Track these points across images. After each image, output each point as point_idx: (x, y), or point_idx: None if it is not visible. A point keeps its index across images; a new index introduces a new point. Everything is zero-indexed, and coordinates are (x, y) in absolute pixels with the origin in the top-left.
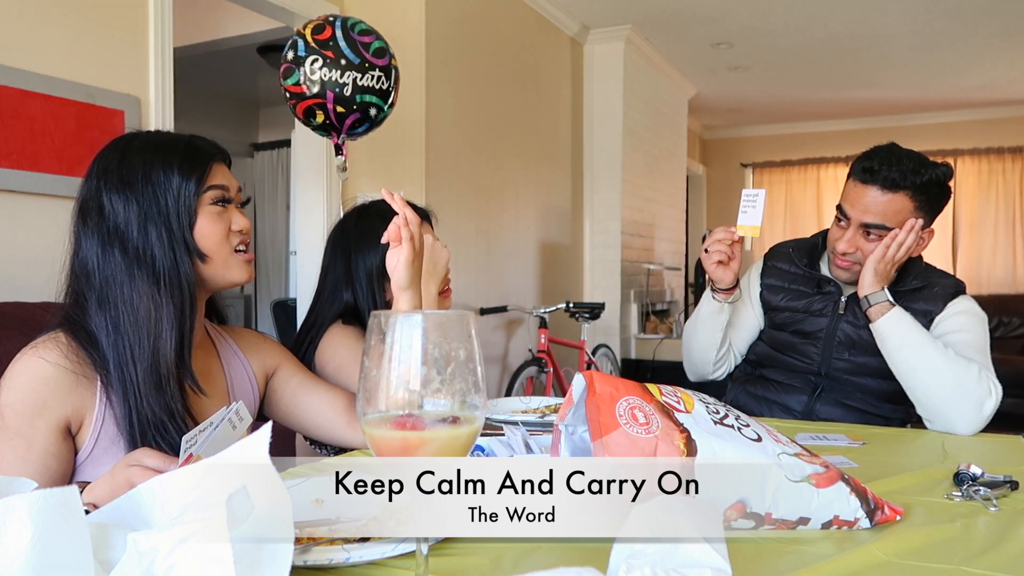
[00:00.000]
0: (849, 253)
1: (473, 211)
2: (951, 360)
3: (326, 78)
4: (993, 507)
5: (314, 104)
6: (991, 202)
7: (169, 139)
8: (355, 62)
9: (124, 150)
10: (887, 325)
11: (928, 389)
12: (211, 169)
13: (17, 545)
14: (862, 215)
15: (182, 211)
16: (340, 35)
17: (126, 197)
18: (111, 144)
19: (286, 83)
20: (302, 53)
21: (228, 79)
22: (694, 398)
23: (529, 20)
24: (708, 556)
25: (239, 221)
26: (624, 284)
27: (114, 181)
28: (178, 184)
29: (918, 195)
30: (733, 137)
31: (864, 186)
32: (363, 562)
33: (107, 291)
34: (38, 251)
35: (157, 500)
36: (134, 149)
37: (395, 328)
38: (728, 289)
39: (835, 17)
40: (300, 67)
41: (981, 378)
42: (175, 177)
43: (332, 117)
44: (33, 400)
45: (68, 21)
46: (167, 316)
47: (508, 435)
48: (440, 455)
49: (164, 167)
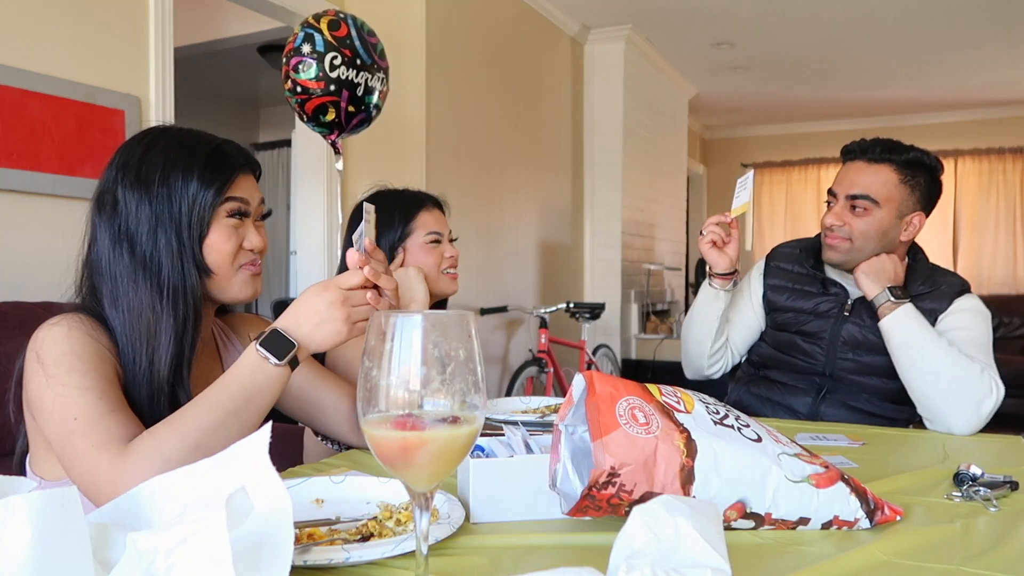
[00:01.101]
0: (837, 226)
1: (473, 211)
2: (953, 358)
3: (344, 77)
4: (993, 507)
5: (328, 102)
6: (992, 202)
7: (198, 141)
8: (367, 62)
9: (149, 144)
10: (890, 324)
11: (927, 387)
12: (234, 180)
13: (17, 545)
14: (848, 188)
15: (195, 221)
16: (355, 34)
17: (140, 196)
18: (138, 135)
19: (299, 77)
20: (320, 48)
21: (228, 79)
22: (694, 398)
23: (529, 20)
24: (708, 556)
25: (252, 239)
26: (624, 284)
27: (131, 176)
28: (195, 191)
29: (903, 169)
30: (733, 137)
31: (850, 163)
32: (363, 562)
33: (115, 289)
34: (38, 251)
35: (157, 500)
36: (159, 145)
37: (395, 328)
38: (725, 276)
39: (835, 17)
40: (320, 63)
41: (983, 377)
42: (193, 183)
43: (342, 116)
44: (83, 349)
45: (68, 21)
46: (166, 329)
47: (508, 435)
48: (440, 455)
49: (185, 171)
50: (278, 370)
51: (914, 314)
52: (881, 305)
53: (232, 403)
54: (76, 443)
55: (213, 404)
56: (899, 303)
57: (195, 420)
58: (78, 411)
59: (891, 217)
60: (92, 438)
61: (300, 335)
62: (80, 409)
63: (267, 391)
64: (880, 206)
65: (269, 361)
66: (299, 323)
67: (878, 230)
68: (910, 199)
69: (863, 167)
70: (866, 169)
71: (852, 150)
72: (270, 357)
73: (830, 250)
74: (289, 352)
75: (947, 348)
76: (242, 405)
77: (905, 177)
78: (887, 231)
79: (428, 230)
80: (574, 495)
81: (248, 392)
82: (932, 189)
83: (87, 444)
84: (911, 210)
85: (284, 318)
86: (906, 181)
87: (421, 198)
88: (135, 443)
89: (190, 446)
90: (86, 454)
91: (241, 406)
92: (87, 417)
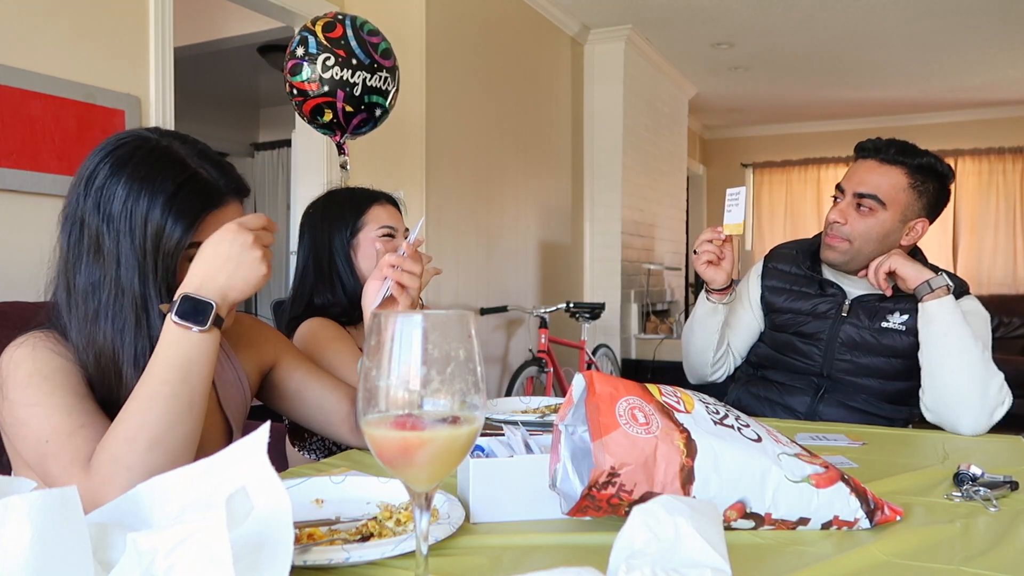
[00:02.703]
0: (839, 223)
1: (473, 211)
2: (985, 362)
3: (338, 77)
4: (993, 507)
5: (323, 103)
6: (992, 202)
7: (168, 166)
8: (365, 62)
9: (115, 168)
10: (937, 307)
11: (953, 380)
12: (204, 219)
13: (17, 545)
14: (857, 186)
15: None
16: (351, 34)
17: (103, 224)
18: (108, 147)
19: (294, 79)
20: (313, 50)
21: (228, 79)
22: (694, 398)
23: (529, 20)
24: (708, 556)
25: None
26: (624, 284)
27: (92, 202)
28: (159, 230)
29: (914, 174)
30: (733, 137)
31: (862, 160)
32: (363, 562)
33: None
34: (38, 251)
35: (157, 500)
36: (125, 171)
37: (395, 328)
38: (722, 290)
39: (835, 17)
40: (312, 64)
41: (1002, 388)
42: (156, 222)
43: (340, 116)
44: (47, 366)
45: (68, 21)
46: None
47: (508, 435)
48: (440, 455)
49: (149, 206)
50: (204, 336)
51: (956, 305)
52: (936, 289)
53: (168, 386)
54: (49, 466)
55: (149, 394)
56: (950, 292)
57: (138, 418)
58: (47, 432)
59: (894, 220)
60: (63, 460)
61: (215, 288)
62: (49, 431)
63: (200, 361)
64: (886, 208)
65: (192, 331)
66: (212, 275)
67: (879, 232)
68: (916, 204)
69: (874, 166)
70: (877, 169)
71: (866, 148)
72: (192, 326)
73: (829, 249)
74: (209, 313)
75: (983, 350)
76: (179, 386)
77: (915, 182)
78: (888, 234)
79: (380, 224)
80: (574, 495)
81: (181, 371)
82: (940, 197)
83: (59, 467)
84: (916, 215)
85: (191, 278)
86: (915, 186)
87: (373, 194)
88: (94, 462)
89: (145, 447)
90: (59, 477)
91: (179, 387)
92: (56, 438)
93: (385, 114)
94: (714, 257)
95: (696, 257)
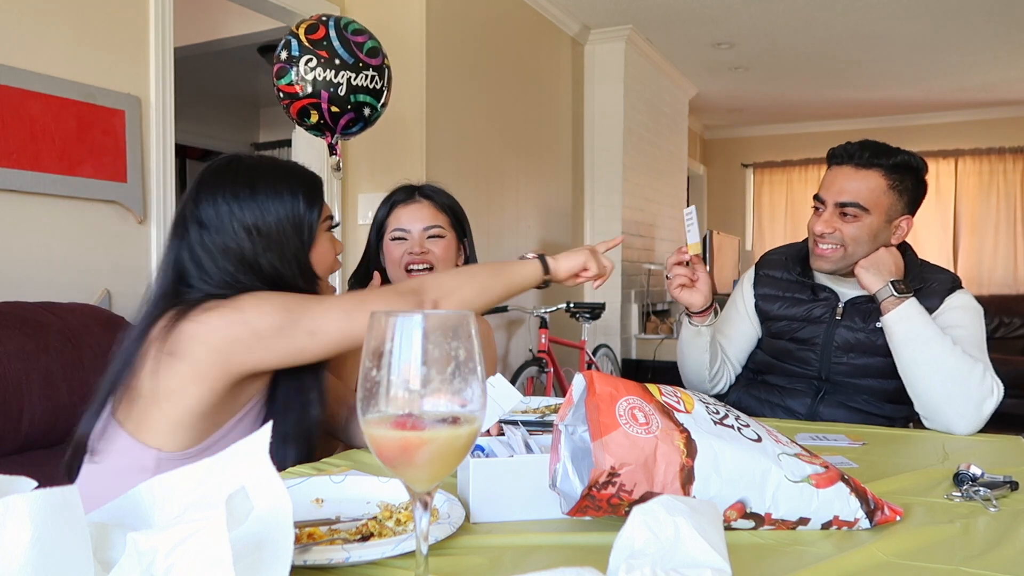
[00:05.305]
0: (827, 233)
1: (473, 211)
2: (957, 357)
3: (320, 78)
4: (993, 507)
5: (308, 104)
6: (992, 202)
7: (291, 167)
8: (349, 62)
9: (250, 167)
10: (893, 320)
11: (929, 385)
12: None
13: (17, 545)
14: (837, 195)
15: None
16: (334, 34)
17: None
18: (222, 163)
19: (280, 83)
20: (295, 53)
21: (228, 79)
22: (694, 398)
23: (529, 20)
24: (708, 556)
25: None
26: (624, 284)
27: (231, 191)
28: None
29: (891, 174)
30: (734, 137)
31: (838, 168)
32: (363, 562)
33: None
34: (38, 251)
35: (157, 500)
36: (262, 168)
37: (395, 328)
38: (702, 312)
39: (836, 17)
40: (294, 67)
41: (985, 378)
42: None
43: (326, 117)
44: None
45: (68, 21)
46: None
47: (508, 435)
48: (440, 455)
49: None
50: (537, 275)
51: (917, 310)
52: (884, 300)
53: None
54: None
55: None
56: (902, 298)
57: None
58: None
59: (880, 222)
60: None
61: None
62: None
63: (521, 285)
64: (870, 212)
65: (541, 269)
66: (556, 259)
67: (869, 234)
68: (898, 203)
69: (851, 172)
70: (854, 175)
71: (838, 154)
72: (541, 267)
73: (820, 260)
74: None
75: (951, 347)
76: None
77: (893, 182)
78: (877, 234)
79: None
80: (574, 495)
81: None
82: (918, 191)
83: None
84: (899, 214)
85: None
86: (894, 187)
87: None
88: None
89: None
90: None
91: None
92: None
93: (377, 113)
94: (686, 280)
95: (669, 282)
